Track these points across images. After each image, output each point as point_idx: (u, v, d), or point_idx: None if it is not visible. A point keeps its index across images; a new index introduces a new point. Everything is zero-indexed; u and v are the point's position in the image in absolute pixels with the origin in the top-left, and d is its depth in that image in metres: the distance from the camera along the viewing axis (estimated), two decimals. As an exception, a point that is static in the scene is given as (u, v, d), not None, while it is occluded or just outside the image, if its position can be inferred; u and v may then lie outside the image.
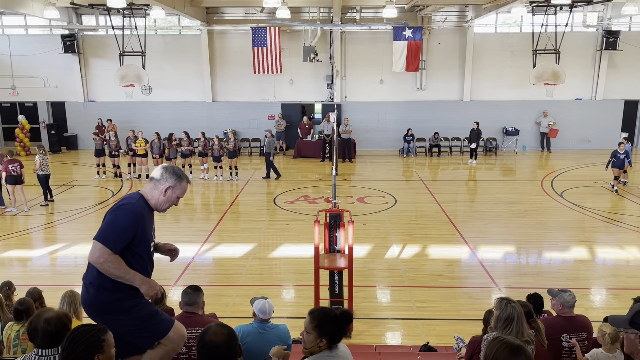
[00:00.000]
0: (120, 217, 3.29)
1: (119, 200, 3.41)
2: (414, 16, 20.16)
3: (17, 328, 4.70)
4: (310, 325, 2.93)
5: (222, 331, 2.69)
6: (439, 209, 13.03)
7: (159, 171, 3.48)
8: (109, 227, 3.28)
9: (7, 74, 21.12)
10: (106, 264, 3.20)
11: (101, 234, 3.26)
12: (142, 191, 3.50)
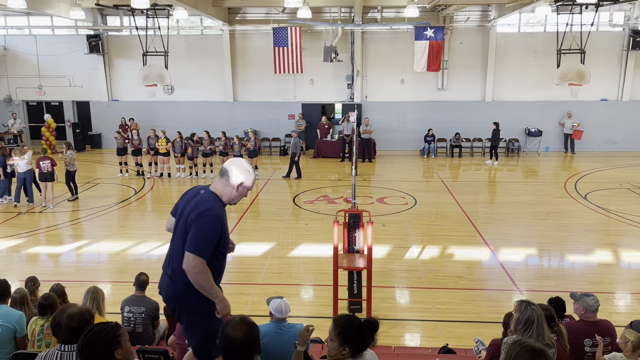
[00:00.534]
0: (206, 225, 3.35)
1: (198, 205, 3.43)
2: (435, 16, 20.01)
3: (42, 323, 4.81)
4: (333, 333, 2.92)
5: (241, 326, 2.67)
6: (459, 210, 12.92)
7: (230, 168, 3.54)
8: (199, 237, 3.34)
9: (34, 74, 21.59)
10: (199, 275, 3.31)
11: (193, 245, 3.32)
12: (213, 188, 3.55)
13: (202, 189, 3.57)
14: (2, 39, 21.46)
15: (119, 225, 12.25)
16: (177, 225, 3.55)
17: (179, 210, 3.60)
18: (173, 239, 3.58)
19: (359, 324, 2.91)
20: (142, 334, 5.69)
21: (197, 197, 3.50)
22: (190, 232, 3.35)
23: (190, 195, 3.61)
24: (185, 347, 3.99)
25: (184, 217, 3.47)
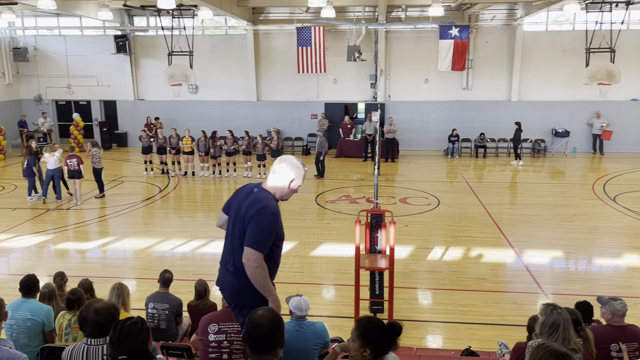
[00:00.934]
0: (264, 221, 3.45)
1: (255, 202, 3.53)
2: (460, 14, 19.80)
3: (69, 317, 4.91)
4: (355, 333, 2.91)
5: (267, 315, 2.71)
6: (483, 212, 12.76)
7: (281, 165, 3.63)
8: (258, 233, 3.44)
9: (63, 73, 22.07)
10: (257, 270, 3.41)
11: (253, 241, 3.43)
12: (266, 186, 3.64)
13: (256, 187, 3.67)
14: (32, 39, 21.99)
15: (143, 222, 12.44)
16: (233, 222, 3.64)
17: (232, 208, 3.70)
18: (230, 236, 3.67)
19: (381, 327, 2.90)
20: (165, 330, 5.76)
21: (252, 195, 3.61)
22: (249, 228, 3.46)
23: (244, 193, 3.70)
24: (208, 343, 4.04)
25: (241, 214, 3.56)
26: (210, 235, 11.16)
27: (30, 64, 21.99)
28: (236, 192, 3.79)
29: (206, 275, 7.60)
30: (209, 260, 9.89)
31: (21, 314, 4.95)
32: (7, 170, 17.86)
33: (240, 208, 3.58)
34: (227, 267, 3.64)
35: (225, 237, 3.75)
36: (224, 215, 3.81)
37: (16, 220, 12.27)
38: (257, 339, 2.67)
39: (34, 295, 5.27)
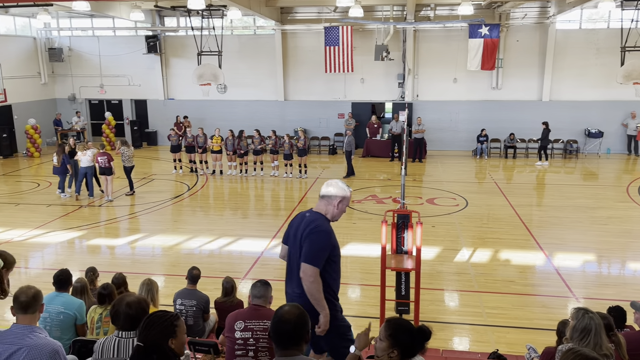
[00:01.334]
0: (318, 239, 3.81)
1: (309, 224, 3.88)
2: (491, 13, 19.50)
3: (100, 311, 5.03)
4: (384, 333, 2.91)
5: (294, 311, 2.79)
6: (512, 213, 12.55)
7: (328, 189, 3.97)
8: (312, 249, 3.78)
9: (96, 73, 22.58)
10: (313, 285, 3.73)
11: (309, 257, 3.76)
12: (317, 209, 4.00)
13: (307, 212, 4.02)
14: (67, 40, 22.55)
15: (172, 220, 12.63)
16: (292, 249, 3.98)
17: (290, 237, 4.04)
18: (292, 262, 4.00)
19: (411, 329, 2.89)
20: (192, 326, 5.84)
21: (305, 219, 3.95)
22: (304, 246, 3.80)
23: (297, 221, 4.04)
24: (234, 340, 4.08)
25: (297, 240, 3.91)
26: (237, 233, 11.28)
27: (64, 64, 22.57)
28: (291, 222, 4.12)
29: (233, 273, 7.69)
30: (235, 258, 9.99)
31: (54, 307, 5.09)
32: (43, 168, 18.37)
33: (296, 235, 3.94)
34: (293, 291, 3.97)
35: (288, 263, 4.08)
36: (285, 246, 4.15)
37: (50, 216, 12.62)
38: (283, 334, 2.73)
39: (66, 289, 5.41)
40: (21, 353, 3.13)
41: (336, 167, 18.55)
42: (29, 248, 10.55)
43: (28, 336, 3.19)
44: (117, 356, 3.34)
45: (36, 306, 3.36)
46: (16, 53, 20.97)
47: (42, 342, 3.21)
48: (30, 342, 3.16)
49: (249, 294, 4.31)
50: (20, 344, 3.14)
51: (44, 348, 3.18)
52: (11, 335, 3.20)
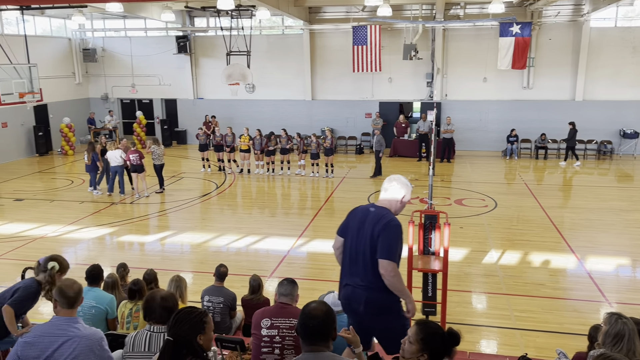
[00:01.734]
0: (394, 233, 3.87)
1: (380, 218, 3.90)
2: (522, 11, 19.15)
3: (130, 306, 5.14)
4: (415, 337, 2.89)
5: (321, 308, 2.82)
6: (543, 215, 12.31)
7: (392, 184, 4.01)
8: (389, 244, 3.84)
9: (128, 73, 23.04)
10: (395, 278, 3.81)
11: (386, 252, 3.82)
12: (381, 203, 4.03)
13: (372, 207, 4.03)
14: (100, 40, 23.08)
15: (200, 218, 12.80)
16: (356, 242, 3.97)
17: (351, 230, 4.05)
18: (355, 255, 3.99)
19: (443, 334, 2.89)
20: (220, 323, 5.91)
21: (370, 213, 3.97)
22: (379, 242, 3.82)
23: (360, 214, 4.05)
24: (260, 337, 4.11)
25: (366, 233, 3.90)
26: (264, 231, 11.36)
27: (98, 64, 23.10)
28: (351, 215, 4.14)
29: (260, 271, 7.76)
30: (262, 256, 10.07)
31: (86, 301, 5.21)
32: (76, 165, 18.84)
33: (362, 228, 3.94)
34: (356, 283, 3.97)
35: (345, 256, 4.11)
36: (340, 238, 4.16)
37: (83, 212, 12.94)
38: (310, 329, 2.77)
39: (98, 284, 5.54)
40: (70, 343, 3.29)
41: (363, 167, 18.51)
42: (63, 243, 10.84)
43: (73, 327, 3.36)
44: (148, 350, 3.41)
45: (80, 300, 3.54)
46: (52, 54, 21.56)
47: (89, 332, 3.38)
48: (78, 333, 3.32)
49: (276, 291, 4.35)
50: (68, 335, 3.30)
51: (92, 337, 3.37)
52: (57, 327, 3.34)
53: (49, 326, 3.37)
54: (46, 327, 3.37)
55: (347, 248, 4.08)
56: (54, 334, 3.31)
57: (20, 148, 20.21)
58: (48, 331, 3.33)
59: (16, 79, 15.00)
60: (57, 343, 3.28)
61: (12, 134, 19.75)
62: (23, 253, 10.09)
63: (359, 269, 3.96)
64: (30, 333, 3.36)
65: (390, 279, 3.79)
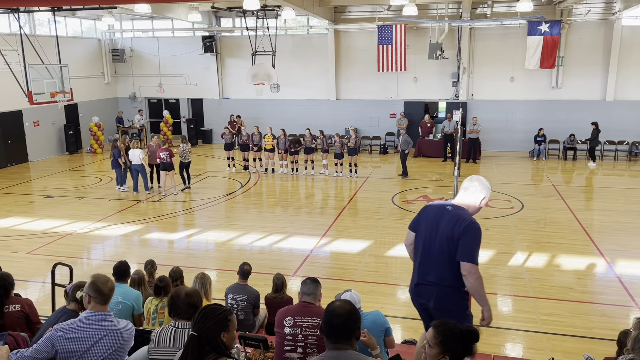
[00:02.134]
0: (475, 235, 3.85)
1: (459, 219, 3.86)
2: (551, 9, 18.81)
3: (156, 302, 5.22)
4: (434, 340, 2.87)
5: (345, 307, 2.82)
6: (571, 217, 12.07)
7: (473, 184, 3.98)
8: (472, 246, 3.83)
9: (155, 73, 23.41)
10: (478, 281, 3.81)
11: (469, 255, 3.82)
12: (459, 202, 4.00)
13: (448, 205, 3.99)
14: (129, 41, 23.49)
15: (225, 216, 12.93)
16: (430, 239, 3.98)
17: (424, 226, 4.06)
18: (429, 252, 4.00)
19: (460, 333, 2.85)
20: (243, 320, 5.96)
21: (447, 213, 3.94)
22: (460, 244, 3.81)
23: (434, 211, 4.04)
24: (283, 335, 4.14)
25: (444, 232, 3.89)
26: (287, 230, 11.41)
27: (126, 64, 23.52)
28: (424, 212, 4.13)
29: (283, 270, 7.79)
30: (285, 255, 10.11)
31: (114, 297, 5.30)
32: (105, 164, 19.21)
33: (438, 226, 3.93)
34: (427, 280, 4.00)
35: (417, 252, 4.13)
36: (412, 233, 4.19)
37: (111, 210, 13.20)
38: (334, 327, 2.78)
39: (125, 280, 5.65)
40: (109, 337, 3.42)
41: (387, 167, 18.43)
42: (91, 240, 11.08)
43: (109, 321, 3.49)
44: (173, 346, 3.47)
45: (111, 296, 3.66)
46: (82, 54, 22.03)
47: (122, 326, 3.53)
48: (114, 327, 3.47)
49: (299, 291, 4.36)
50: (106, 328, 3.44)
51: (126, 330, 3.53)
52: (95, 322, 3.45)
53: (87, 321, 3.46)
54: (83, 322, 3.46)
55: (418, 241, 4.09)
56: (92, 329, 3.43)
57: (51, 146, 20.72)
58: (86, 326, 3.44)
59: (48, 78, 15.37)
60: (95, 337, 3.40)
61: (44, 133, 20.27)
62: (53, 249, 10.35)
63: (430, 266, 3.99)
64: (68, 328, 3.44)
65: (473, 282, 3.80)
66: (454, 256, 3.85)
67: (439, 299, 3.98)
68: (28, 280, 8.76)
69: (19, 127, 19.13)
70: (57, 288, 6.48)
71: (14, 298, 4.74)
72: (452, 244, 3.82)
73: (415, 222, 4.19)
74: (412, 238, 4.20)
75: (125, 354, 3.57)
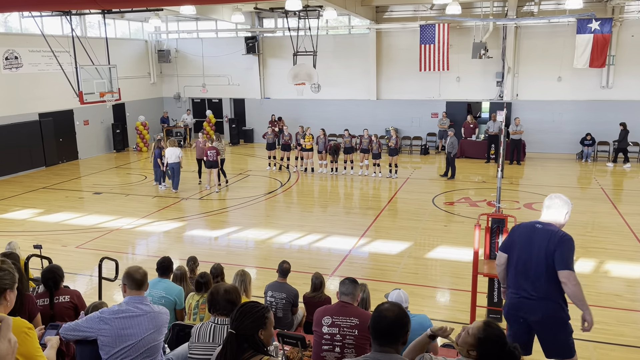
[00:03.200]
0: (570, 246, 4.21)
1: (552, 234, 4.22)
2: (602, 6, 18.13)
3: (197, 298, 5.32)
4: (475, 332, 2.81)
5: (394, 309, 2.79)
6: (621, 222, 11.60)
7: (554, 202, 4.35)
8: (568, 256, 4.18)
9: (199, 73, 23.89)
10: (577, 287, 4.13)
11: (567, 263, 4.16)
12: (546, 220, 4.34)
13: (537, 224, 4.33)
14: (174, 42, 24.07)
15: (265, 215, 13.07)
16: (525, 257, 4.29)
17: (517, 245, 4.36)
18: (522, 267, 4.31)
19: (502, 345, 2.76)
20: (282, 318, 6.01)
21: (539, 230, 4.28)
22: (557, 255, 4.15)
23: (527, 231, 4.35)
24: (321, 334, 4.15)
25: (539, 249, 4.21)
26: (326, 230, 11.43)
27: (171, 64, 24.11)
28: (516, 233, 4.44)
29: (322, 269, 7.82)
30: (324, 255, 10.14)
31: (157, 291, 5.46)
32: (150, 162, 19.71)
33: (532, 244, 4.25)
34: (531, 294, 4.28)
35: (510, 269, 4.40)
36: (504, 254, 4.46)
37: (155, 207, 13.56)
38: (381, 330, 2.76)
39: (168, 276, 5.79)
40: (146, 318, 3.61)
41: (428, 168, 18.21)
42: (136, 236, 11.41)
43: (145, 304, 3.69)
44: (212, 341, 3.54)
45: (146, 284, 3.85)
46: (130, 55, 22.71)
47: (158, 309, 3.74)
48: (149, 309, 3.67)
49: (337, 290, 4.37)
50: (142, 311, 3.63)
51: (161, 312, 3.73)
52: (131, 305, 3.65)
53: (125, 305, 3.66)
54: (122, 306, 3.66)
55: (514, 262, 4.37)
56: (130, 311, 3.60)
57: (100, 144, 21.46)
58: (125, 309, 3.62)
59: (97, 79, 15.91)
60: (134, 319, 3.58)
61: (93, 131, 21.01)
62: (101, 244, 10.71)
63: (528, 282, 4.27)
64: (109, 310, 3.61)
65: (573, 287, 4.08)
66: (553, 269, 4.14)
67: (545, 312, 4.26)
68: (76, 273, 9.11)
69: (70, 126, 19.90)
70: (103, 282, 6.71)
71: (63, 289, 4.93)
72: (550, 257, 4.14)
73: (508, 243, 4.47)
74: (505, 259, 4.45)
75: (162, 337, 3.73)
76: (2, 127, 17.06)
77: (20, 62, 17.63)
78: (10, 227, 11.88)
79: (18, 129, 17.60)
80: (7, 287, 2.15)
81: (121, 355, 3.50)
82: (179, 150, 14.82)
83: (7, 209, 13.46)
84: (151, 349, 3.60)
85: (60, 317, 4.63)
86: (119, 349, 3.50)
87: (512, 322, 4.53)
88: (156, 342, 3.65)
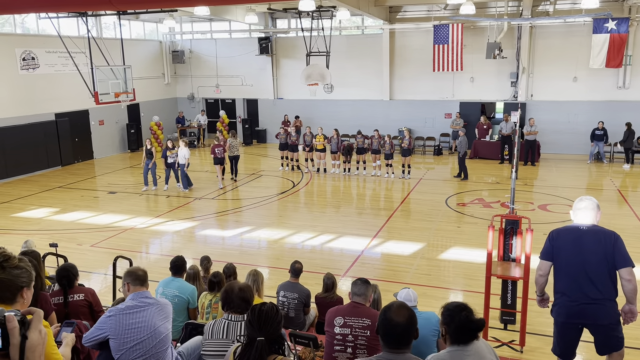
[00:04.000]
0: (623, 243, 4.33)
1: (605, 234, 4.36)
2: (619, 6, 17.90)
3: (210, 297, 5.36)
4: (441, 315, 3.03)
5: (403, 311, 2.80)
6: (638, 224, 11.44)
7: (586, 202, 4.44)
8: (625, 252, 4.30)
9: (212, 74, 24.02)
10: (636, 282, 4.22)
11: (626, 260, 4.26)
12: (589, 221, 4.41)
13: (582, 226, 4.38)
14: (188, 43, 24.23)
15: (277, 215, 13.10)
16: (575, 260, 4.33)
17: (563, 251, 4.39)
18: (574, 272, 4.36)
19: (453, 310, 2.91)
20: (294, 318, 6.03)
21: (588, 233, 4.34)
22: (616, 252, 4.24)
23: (573, 236, 4.40)
24: (333, 335, 4.15)
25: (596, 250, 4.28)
26: (338, 231, 11.42)
27: (185, 65, 24.27)
28: (559, 239, 4.45)
29: (334, 270, 7.82)
30: (336, 255, 10.13)
31: (170, 290, 5.51)
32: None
33: (582, 247, 4.30)
34: (593, 298, 4.31)
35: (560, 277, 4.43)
36: (548, 262, 4.48)
37: (168, 206, 13.66)
38: (394, 336, 2.75)
39: (181, 275, 5.83)
40: (154, 309, 3.74)
41: (441, 168, 18.12)
42: (150, 235, 11.50)
43: (149, 297, 3.82)
44: (226, 337, 3.57)
45: (147, 280, 4.01)
46: (144, 55, 22.91)
47: (163, 300, 3.89)
48: (154, 301, 3.81)
49: (349, 291, 4.37)
50: (149, 303, 3.76)
51: (166, 303, 3.87)
52: (137, 300, 3.76)
53: (131, 301, 3.77)
54: (128, 302, 3.78)
55: (563, 268, 4.38)
56: (137, 307, 3.70)
57: (115, 144, 21.67)
58: (132, 304, 3.72)
59: (112, 79, 16.07)
60: (143, 312, 3.68)
61: (108, 131, 21.23)
62: (115, 242, 10.82)
63: (590, 285, 4.29)
64: (117, 308, 3.69)
65: (636, 284, 4.20)
66: (613, 269, 4.23)
67: (608, 314, 4.33)
68: (91, 271, 9.21)
69: (85, 126, 20.13)
70: (117, 280, 6.78)
71: (78, 288, 4.99)
72: (610, 256, 4.21)
73: (550, 250, 4.45)
74: (549, 267, 4.48)
75: (171, 327, 3.85)
76: (19, 127, 17.31)
77: (37, 63, 17.87)
78: (27, 226, 12.05)
79: (35, 128, 17.84)
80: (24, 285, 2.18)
81: (139, 348, 3.59)
82: (186, 151, 14.93)
83: (24, 207, 13.65)
84: (164, 340, 3.71)
85: (75, 315, 4.69)
86: (135, 343, 3.58)
87: (568, 330, 4.52)
88: (167, 332, 3.76)
